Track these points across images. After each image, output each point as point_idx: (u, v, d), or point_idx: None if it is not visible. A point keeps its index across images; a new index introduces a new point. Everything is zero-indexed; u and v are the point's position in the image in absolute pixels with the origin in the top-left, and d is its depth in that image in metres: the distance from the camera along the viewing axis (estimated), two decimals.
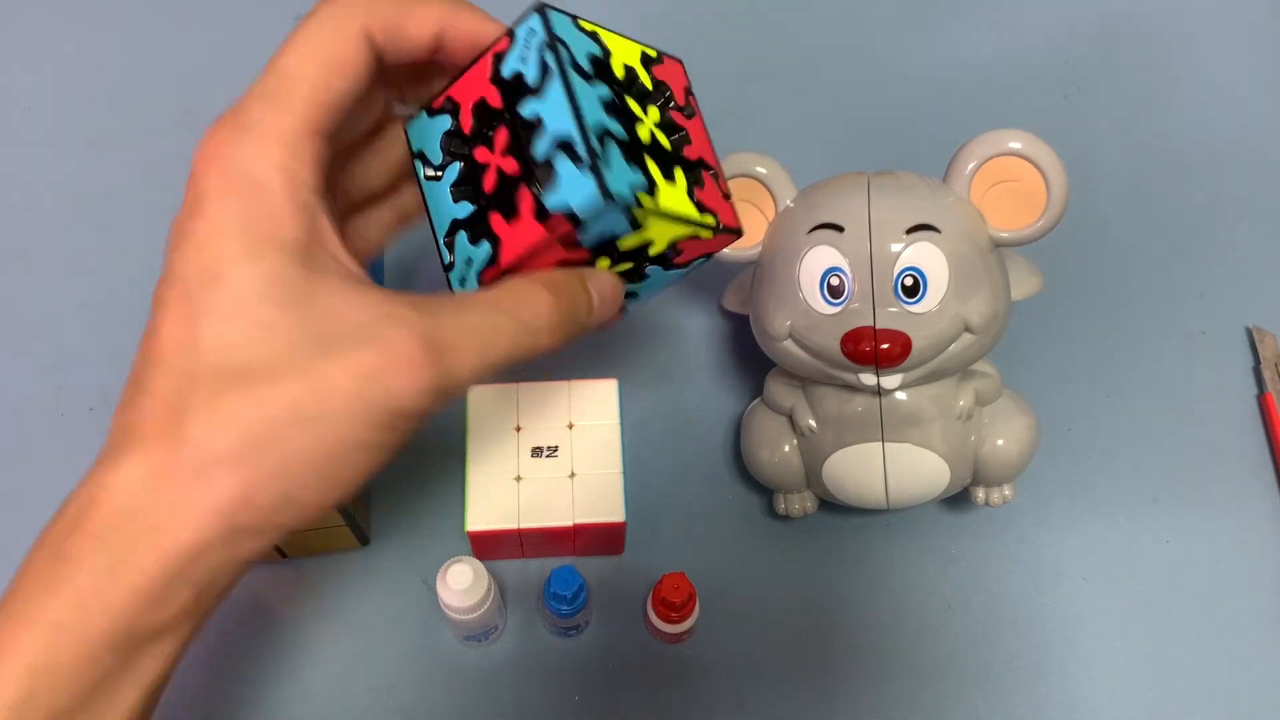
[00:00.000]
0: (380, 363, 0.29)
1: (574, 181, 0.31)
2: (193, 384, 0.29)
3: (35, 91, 0.67)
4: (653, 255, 0.36)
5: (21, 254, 0.61)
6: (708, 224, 0.35)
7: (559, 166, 0.32)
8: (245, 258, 0.29)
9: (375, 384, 0.29)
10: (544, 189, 0.32)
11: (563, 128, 0.32)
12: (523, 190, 0.32)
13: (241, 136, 0.30)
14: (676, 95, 0.38)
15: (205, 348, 0.29)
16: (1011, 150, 0.44)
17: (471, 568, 0.46)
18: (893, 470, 0.47)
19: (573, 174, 0.31)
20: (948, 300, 0.44)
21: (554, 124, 0.32)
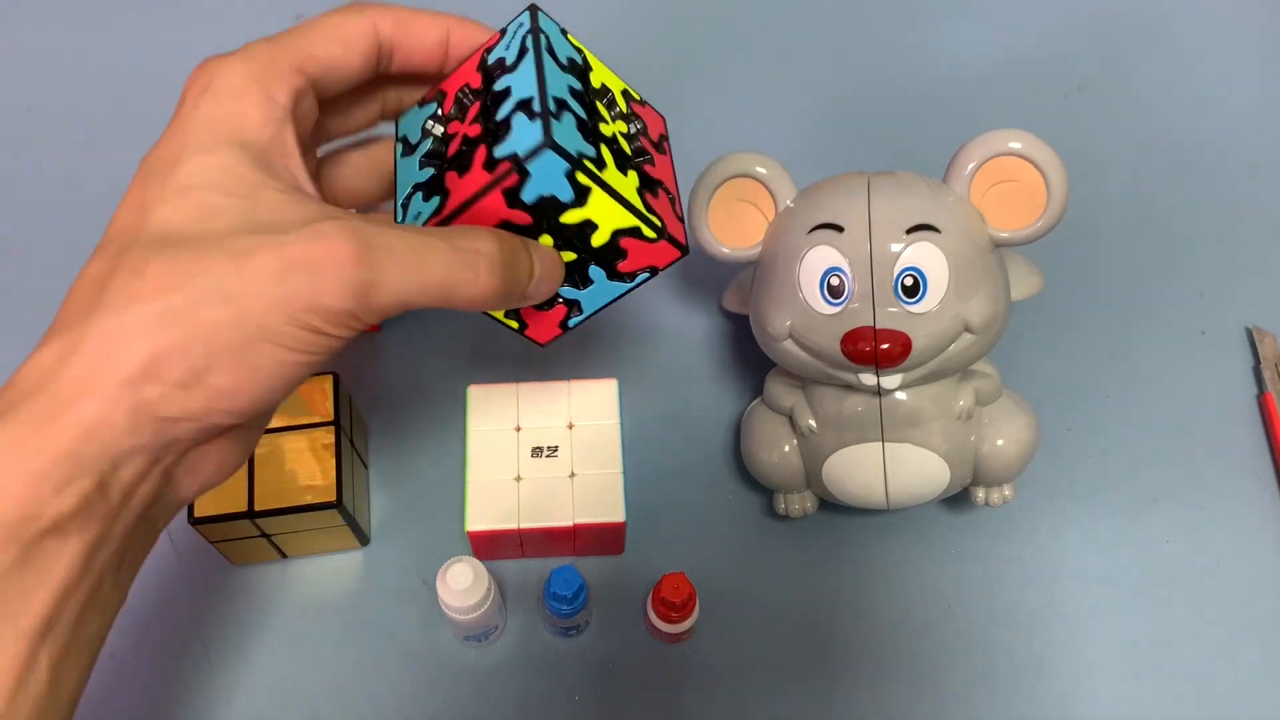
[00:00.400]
0: (309, 253, 0.29)
1: (524, 130, 0.33)
2: (124, 258, 0.29)
3: (35, 91, 0.67)
4: (596, 246, 0.36)
5: (22, 254, 0.61)
6: (653, 222, 0.36)
7: (515, 121, 0.33)
8: (203, 148, 0.30)
9: (301, 272, 0.29)
10: (497, 142, 0.34)
11: (526, 91, 0.34)
12: (480, 148, 0.34)
13: (233, 57, 0.32)
14: (650, 132, 0.39)
15: (146, 227, 0.29)
16: (1011, 150, 0.44)
17: (471, 568, 0.46)
18: (893, 470, 0.47)
19: (524, 125, 0.33)
20: (948, 300, 0.44)
21: (519, 90, 0.34)
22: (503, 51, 0.36)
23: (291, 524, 0.49)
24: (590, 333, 0.60)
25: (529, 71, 0.34)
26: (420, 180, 0.36)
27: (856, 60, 0.69)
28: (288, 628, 0.52)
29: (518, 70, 0.35)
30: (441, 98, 0.37)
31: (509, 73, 0.35)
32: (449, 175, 0.35)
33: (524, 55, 0.35)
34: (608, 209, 0.35)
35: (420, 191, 0.36)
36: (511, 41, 0.36)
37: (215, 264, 0.28)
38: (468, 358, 0.59)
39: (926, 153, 0.49)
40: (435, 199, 0.35)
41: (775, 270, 0.47)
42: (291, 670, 0.51)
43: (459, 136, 0.35)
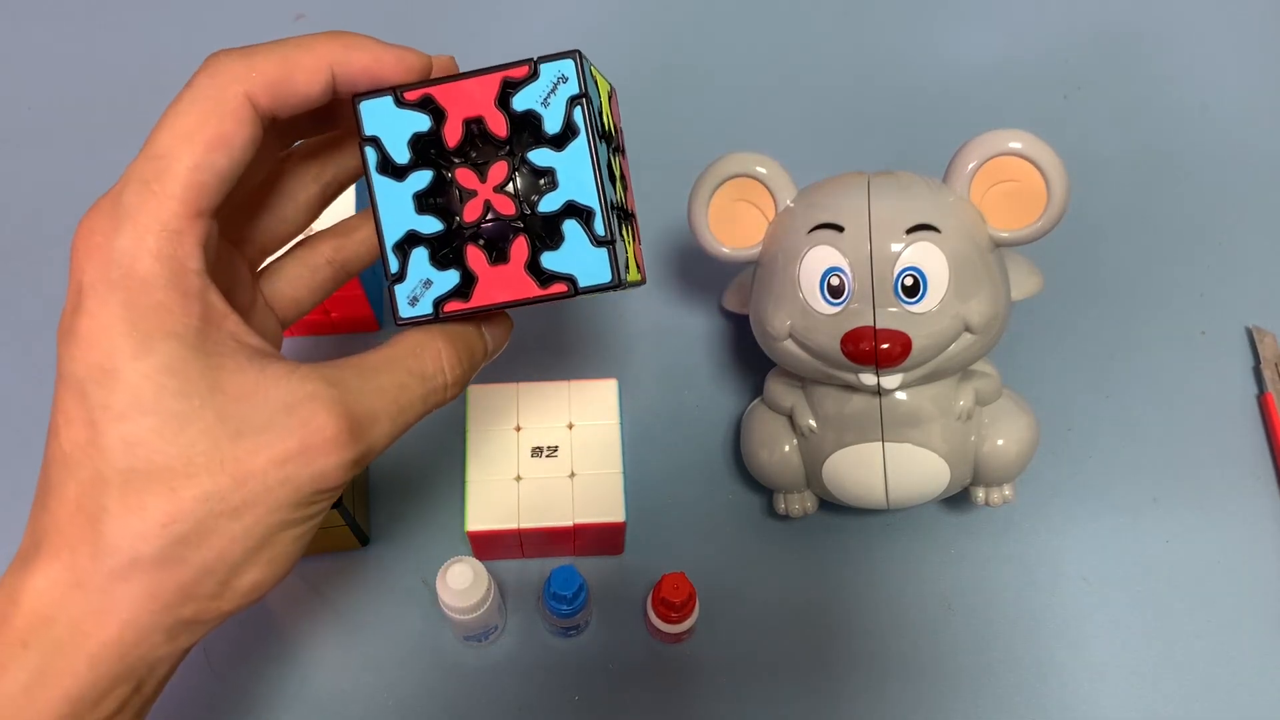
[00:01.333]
0: (303, 446, 0.29)
1: (586, 255, 0.31)
2: (104, 486, 0.28)
3: (35, 91, 0.67)
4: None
5: (22, 254, 0.61)
6: (641, 282, 0.35)
7: (569, 233, 0.31)
8: (137, 353, 0.28)
9: (299, 467, 0.29)
10: (547, 249, 0.31)
11: (583, 197, 0.31)
12: (519, 239, 0.32)
13: (119, 226, 0.28)
14: (618, 123, 0.37)
15: (110, 447, 0.28)
16: (1012, 150, 0.44)
17: (471, 568, 0.46)
18: (893, 470, 0.47)
19: (585, 247, 0.31)
20: (948, 300, 0.44)
21: (572, 189, 0.31)
22: (536, 105, 0.31)
23: None
24: (590, 333, 0.60)
25: (583, 166, 0.31)
26: (422, 231, 0.32)
27: (857, 60, 0.69)
28: (288, 628, 0.52)
29: (566, 153, 0.31)
30: (438, 114, 0.32)
31: (550, 146, 0.31)
32: (471, 250, 0.32)
33: (572, 134, 0.31)
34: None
35: (425, 248, 0.32)
36: (550, 98, 0.31)
37: (212, 483, 0.28)
38: None
39: (926, 153, 0.49)
40: (454, 275, 0.32)
41: (775, 270, 0.47)
42: (291, 671, 0.51)
43: (480, 199, 0.32)
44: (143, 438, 0.28)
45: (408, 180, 0.32)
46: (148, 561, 0.28)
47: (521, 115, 0.31)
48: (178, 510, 0.28)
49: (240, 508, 0.28)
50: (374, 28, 0.78)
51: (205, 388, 0.28)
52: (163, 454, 0.28)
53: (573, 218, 0.31)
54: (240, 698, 0.50)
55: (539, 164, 0.31)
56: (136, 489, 0.28)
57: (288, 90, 0.30)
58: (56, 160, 0.64)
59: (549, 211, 0.31)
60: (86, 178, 0.65)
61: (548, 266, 0.31)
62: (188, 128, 0.29)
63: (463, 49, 0.71)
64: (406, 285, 0.32)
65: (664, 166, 0.64)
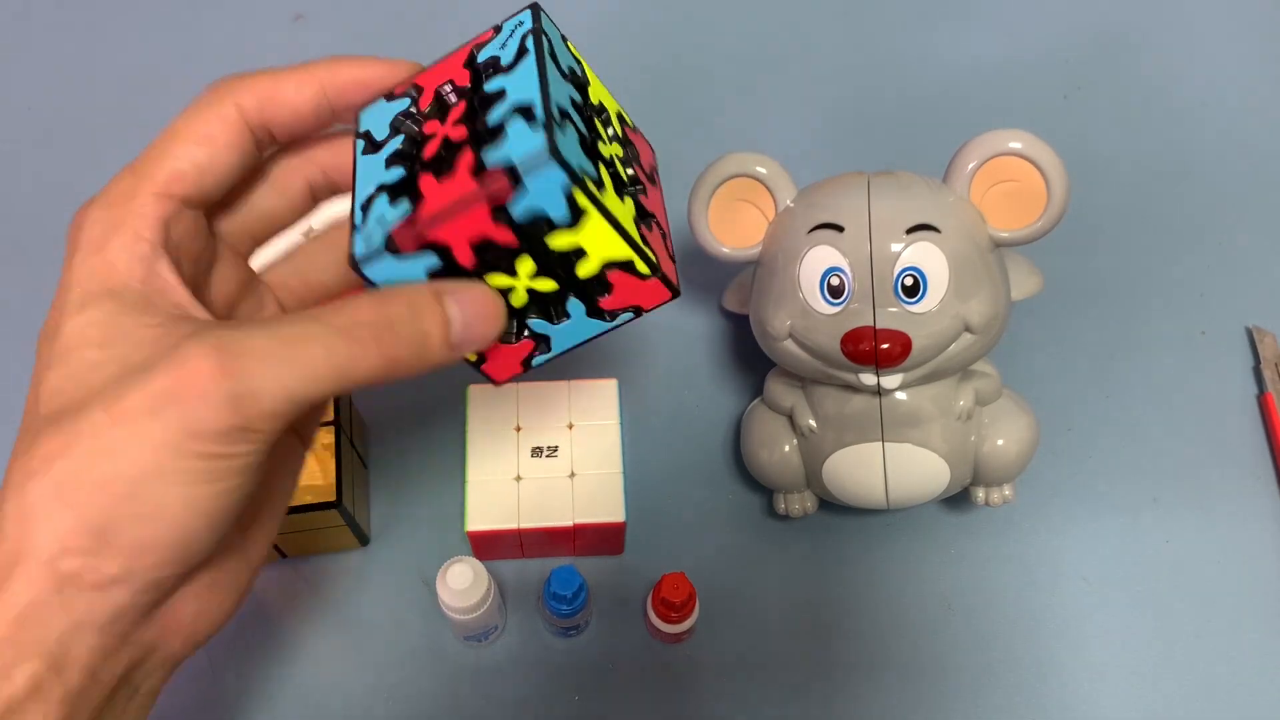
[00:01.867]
0: (172, 381, 0.27)
1: (523, 137, 0.29)
2: (23, 438, 0.28)
3: (35, 91, 0.67)
4: (581, 277, 0.32)
5: (22, 254, 0.61)
6: (648, 257, 0.32)
7: (511, 127, 0.29)
8: (77, 308, 0.29)
9: (169, 402, 0.27)
10: (488, 147, 0.29)
11: (525, 96, 0.30)
12: (465, 151, 0.30)
13: (96, 204, 0.31)
14: (642, 161, 0.36)
15: (40, 401, 0.29)
16: (1012, 150, 0.44)
17: (471, 568, 0.46)
18: (893, 470, 0.47)
19: (523, 131, 0.29)
20: (948, 300, 0.44)
21: (517, 93, 0.30)
22: (497, 50, 0.32)
23: (291, 524, 0.49)
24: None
25: (529, 74, 0.30)
26: (388, 181, 0.31)
27: (857, 60, 0.69)
28: (288, 628, 0.52)
29: (515, 72, 0.31)
30: (417, 93, 0.33)
31: (504, 73, 0.31)
32: (424, 177, 0.30)
33: (523, 56, 0.31)
34: (602, 236, 0.31)
35: (386, 193, 0.31)
36: (509, 40, 0.32)
37: (91, 421, 0.27)
38: None
39: (926, 153, 0.49)
40: (405, 203, 0.30)
41: (775, 270, 0.47)
42: (291, 671, 0.51)
43: (439, 137, 0.31)
44: (59, 386, 0.29)
45: (382, 150, 0.32)
46: (35, 509, 0.27)
47: (483, 63, 0.32)
48: (59, 445, 0.27)
49: (113, 446, 0.27)
50: (374, 28, 0.79)
51: (124, 340, 0.29)
52: (67, 397, 0.28)
53: (516, 116, 0.30)
54: (240, 697, 0.50)
55: (490, 89, 0.31)
56: (37, 430, 0.28)
57: (276, 100, 0.32)
58: (56, 160, 0.64)
59: (496, 121, 0.30)
60: (86, 178, 0.65)
61: (488, 160, 0.29)
62: (176, 128, 0.32)
63: None
64: (363, 230, 0.31)
65: (664, 166, 0.64)
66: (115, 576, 0.28)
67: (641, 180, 0.35)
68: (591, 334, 0.34)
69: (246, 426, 0.28)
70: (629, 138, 0.36)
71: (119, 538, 0.28)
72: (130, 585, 0.28)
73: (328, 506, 0.48)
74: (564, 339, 0.34)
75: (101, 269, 0.30)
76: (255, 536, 0.34)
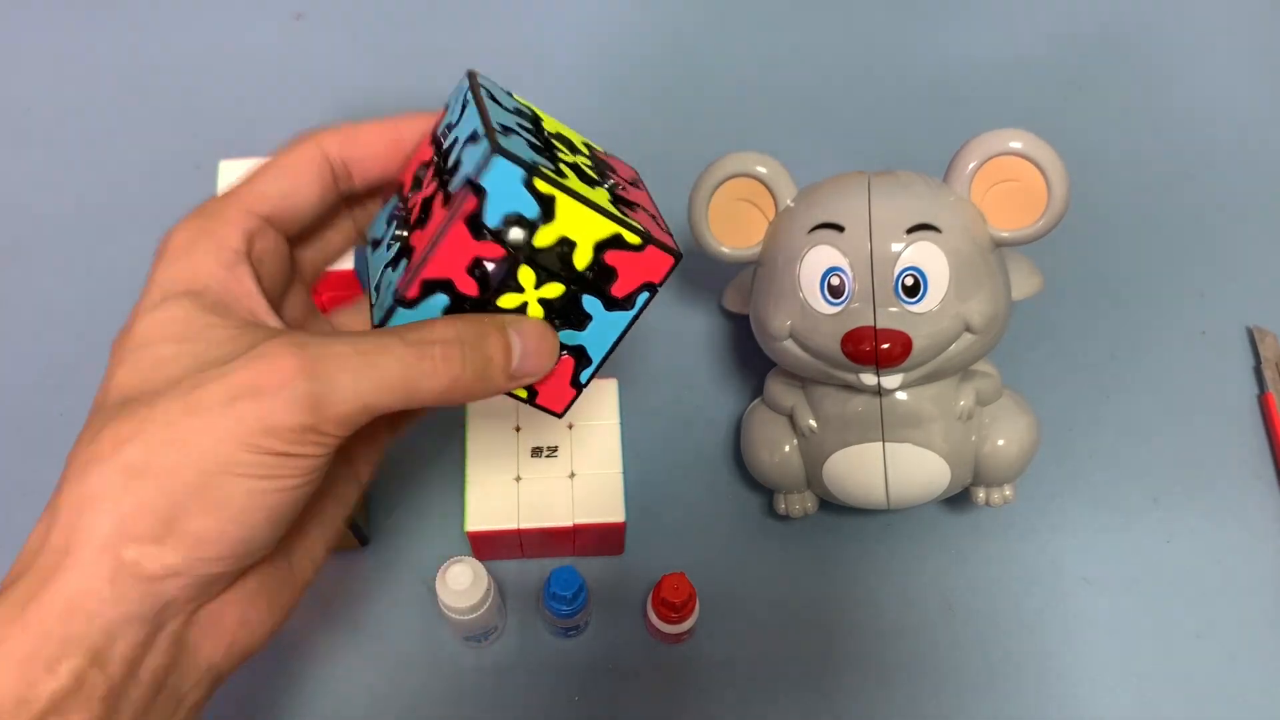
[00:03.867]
0: (253, 375, 0.28)
1: (471, 155, 0.31)
2: (88, 428, 0.29)
3: (35, 91, 0.67)
4: (581, 270, 0.33)
5: (21, 254, 0.61)
6: (632, 225, 0.32)
7: (465, 158, 0.31)
8: (154, 306, 0.30)
9: (247, 397, 0.28)
10: (450, 181, 0.31)
11: (471, 128, 0.32)
12: (437, 197, 0.32)
13: (186, 219, 0.32)
14: (621, 174, 0.37)
15: (108, 393, 0.30)
16: (1012, 150, 0.44)
17: (471, 568, 0.46)
18: (893, 470, 0.47)
19: (471, 151, 0.31)
20: (948, 300, 0.44)
21: (464, 131, 0.32)
22: (451, 118, 0.34)
23: None
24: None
25: (472, 115, 0.32)
26: (389, 258, 0.34)
27: (857, 60, 0.69)
28: (287, 628, 0.52)
29: (461, 121, 0.33)
30: (400, 188, 0.36)
31: (454, 128, 0.33)
32: (414, 235, 0.33)
33: (466, 107, 0.33)
34: (581, 219, 0.32)
35: (390, 267, 0.33)
36: (454, 105, 0.34)
37: (164, 409, 0.28)
38: None
39: (926, 153, 0.49)
40: (403, 263, 0.32)
41: (775, 270, 0.47)
42: (291, 671, 0.51)
43: (418, 204, 0.33)
44: (127, 378, 0.29)
45: (383, 243, 0.35)
46: (97, 494, 0.28)
47: (440, 132, 0.34)
48: (128, 432, 0.28)
49: (187, 436, 0.28)
50: (374, 27, 0.78)
51: (200, 337, 0.30)
52: (137, 388, 0.29)
53: (468, 145, 0.31)
54: (240, 697, 0.50)
55: (447, 144, 0.33)
56: (104, 419, 0.29)
57: (355, 141, 0.35)
58: (56, 160, 0.64)
59: (453, 161, 0.32)
60: (86, 178, 0.65)
61: (451, 188, 0.31)
62: (266, 162, 0.34)
63: (460, 49, 0.72)
64: (377, 305, 0.34)
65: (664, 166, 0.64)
66: (174, 568, 0.28)
67: (621, 182, 0.36)
68: (620, 329, 0.35)
69: (318, 428, 0.29)
70: (601, 159, 0.37)
71: (183, 527, 0.28)
72: (185, 578, 0.29)
73: None
74: (597, 343, 0.35)
75: (185, 272, 0.31)
76: (302, 556, 0.35)
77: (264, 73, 0.68)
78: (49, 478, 0.35)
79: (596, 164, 0.36)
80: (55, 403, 0.56)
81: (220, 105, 0.67)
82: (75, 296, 0.60)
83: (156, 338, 0.30)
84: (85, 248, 0.61)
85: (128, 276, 0.60)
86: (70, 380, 0.57)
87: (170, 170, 0.64)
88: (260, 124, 0.65)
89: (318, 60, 0.68)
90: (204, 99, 0.67)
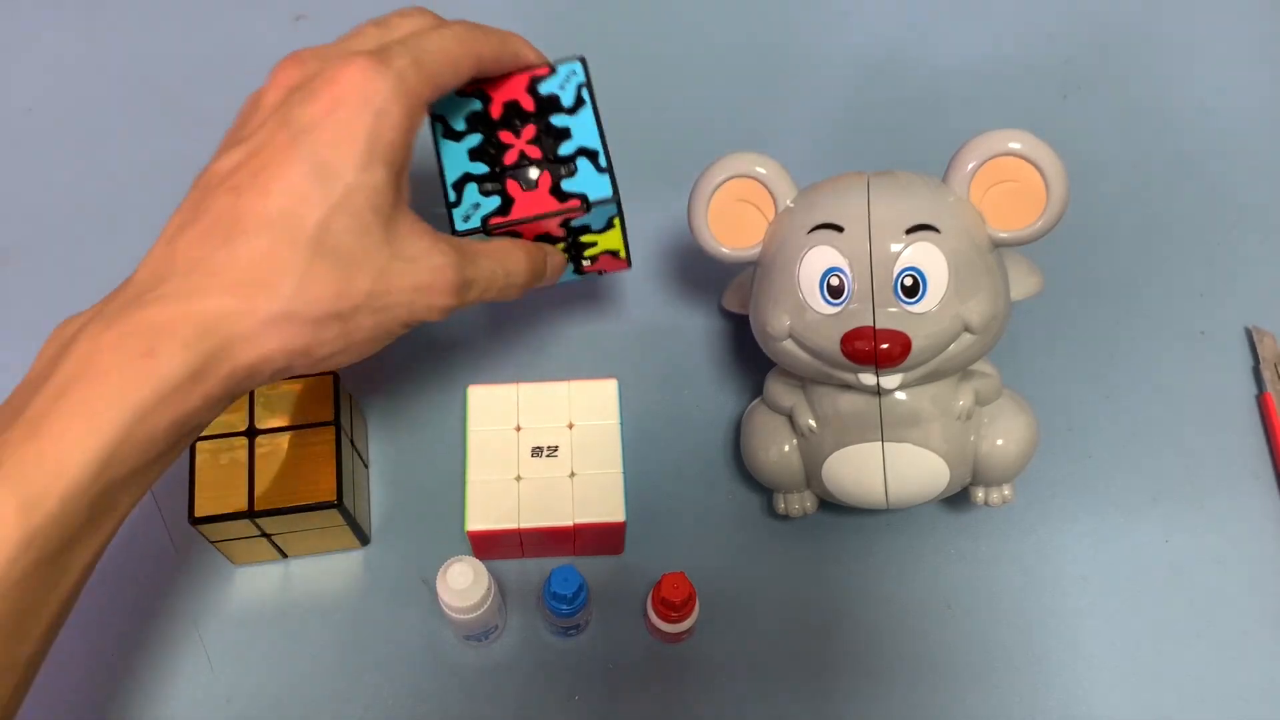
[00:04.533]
0: (429, 282, 0.39)
1: (593, 179, 0.45)
2: (293, 249, 0.35)
3: (35, 91, 0.67)
4: (584, 255, 0.49)
5: (21, 254, 0.61)
6: (629, 252, 0.49)
7: (580, 167, 0.45)
8: (363, 165, 0.36)
9: (421, 295, 0.39)
10: (566, 176, 0.44)
11: (589, 142, 0.45)
12: (544, 174, 0.45)
13: (385, 73, 0.37)
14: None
15: (312, 226, 0.36)
16: (1011, 150, 0.44)
17: (471, 568, 0.46)
18: (892, 470, 0.47)
19: (592, 174, 0.45)
20: (948, 300, 0.44)
21: (582, 138, 0.45)
22: (556, 89, 0.45)
23: (292, 524, 0.49)
24: (590, 333, 0.60)
25: (590, 124, 0.45)
26: (474, 172, 0.45)
27: (857, 60, 0.69)
28: (288, 628, 0.52)
29: (577, 116, 0.45)
30: (485, 99, 0.45)
31: (567, 114, 0.45)
32: (510, 183, 0.44)
33: (581, 105, 0.45)
34: (613, 238, 0.48)
35: (476, 183, 0.45)
36: (566, 84, 0.45)
37: (368, 281, 0.37)
38: (468, 357, 0.59)
39: (926, 153, 0.49)
40: (496, 200, 0.44)
41: (775, 270, 0.47)
42: (291, 670, 0.51)
43: (515, 149, 0.45)
44: (339, 230, 0.36)
45: (463, 141, 0.45)
46: (303, 319, 0.36)
47: (545, 96, 0.45)
48: (347, 290, 0.36)
49: (379, 309, 0.37)
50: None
51: (389, 217, 0.38)
52: (348, 246, 0.36)
53: (583, 157, 0.45)
54: (239, 698, 0.51)
55: (558, 125, 0.45)
56: (317, 258, 0.36)
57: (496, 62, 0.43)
58: (56, 160, 0.65)
59: (566, 154, 0.45)
60: (87, 178, 0.65)
61: (566, 189, 0.44)
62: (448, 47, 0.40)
63: None
64: (461, 209, 0.45)
65: (664, 166, 0.64)
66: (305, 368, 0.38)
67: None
68: (571, 280, 0.51)
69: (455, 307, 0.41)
70: None
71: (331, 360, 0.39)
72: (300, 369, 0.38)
73: (328, 506, 0.48)
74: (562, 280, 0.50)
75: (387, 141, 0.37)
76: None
77: (265, 74, 0.67)
78: None
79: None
80: None
81: (221, 107, 0.66)
82: (75, 296, 0.60)
83: (363, 202, 0.36)
84: (85, 248, 0.61)
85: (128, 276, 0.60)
86: None
87: (170, 171, 0.64)
88: None
89: None
90: (205, 100, 0.67)
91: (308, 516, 0.48)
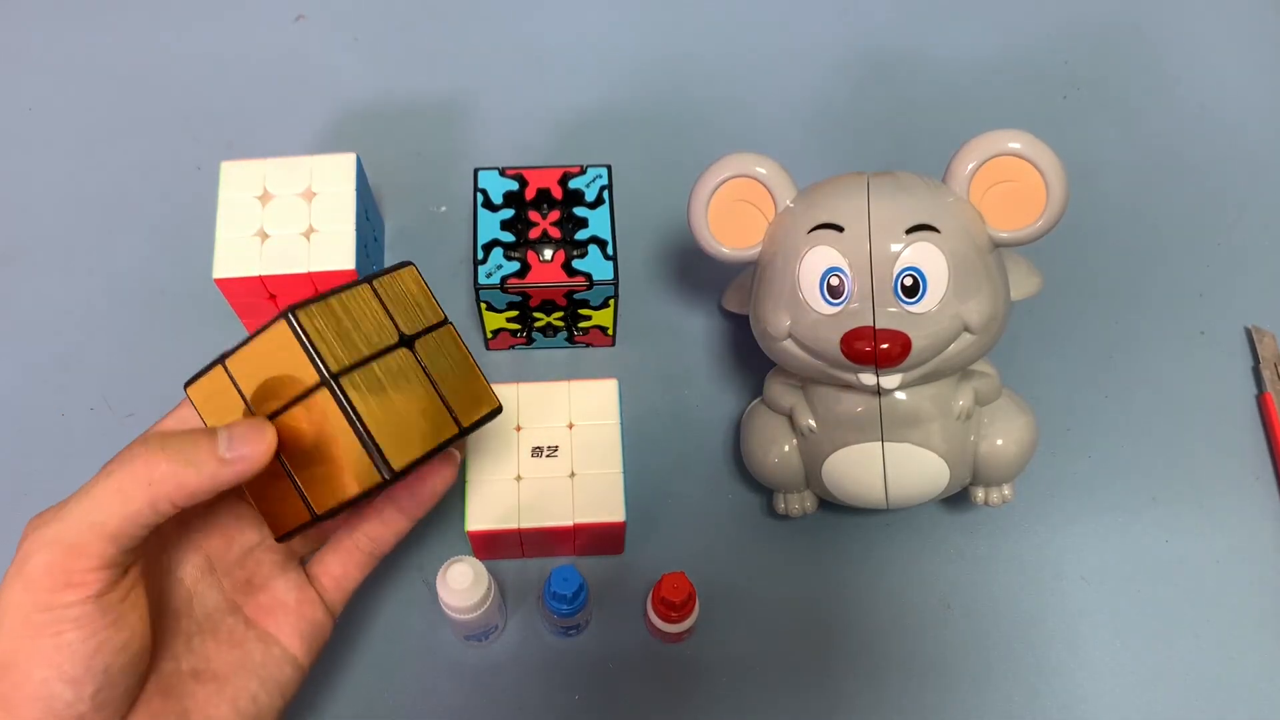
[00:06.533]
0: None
1: (600, 263, 0.53)
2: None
3: (35, 91, 0.67)
4: (580, 326, 0.57)
5: (21, 254, 0.61)
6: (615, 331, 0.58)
7: (591, 251, 0.53)
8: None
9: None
10: (578, 257, 0.53)
11: (602, 233, 0.53)
12: (560, 251, 0.53)
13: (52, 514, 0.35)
14: None
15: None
16: (1011, 150, 0.44)
17: (471, 568, 0.46)
18: (892, 470, 0.47)
19: (600, 259, 0.53)
20: (947, 300, 0.44)
21: (597, 228, 0.54)
22: (583, 185, 0.55)
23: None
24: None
25: (605, 219, 0.54)
26: (502, 239, 0.53)
27: (857, 60, 0.69)
28: None
29: (596, 211, 0.54)
30: (523, 182, 0.54)
31: (589, 208, 0.54)
32: (530, 254, 0.53)
33: (601, 203, 0.54)
34: (605, 316, 0.56)
35: (500, 249, 0.53)
36: (592, 184, 0.55)
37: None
38: None
39: (926, 153, 0.49)
40: (516, 265, 0.52)
41: (775, 270, 0.47)
42: None
43: (540, 227, 0.53)
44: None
45: (498, 213, 0.54)
46: None
47: (574, 190, 0.55)
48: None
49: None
50: (372, 29, 0.78)
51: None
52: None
53: (594, 244, 0.53)
54: None
55: (579, 214, 0.54)
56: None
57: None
58: (57, 160, 0.65)
59: (581, 239, 0.53)
60: (87, 178, 0.65)
61: (576, 267, 0.53)
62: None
63: (460, 50, 0.72)
64: (486, 266, 0.52)
65: (664, 167, 0.64)
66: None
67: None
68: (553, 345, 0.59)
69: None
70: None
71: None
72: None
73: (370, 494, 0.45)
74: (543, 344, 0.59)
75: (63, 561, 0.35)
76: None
77: (265, 74, 0.68)
78: (49, 478, 0.35)
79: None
80: (55, 403, 0.56)
81: (222, 106, 0.67)
82: (75, 296, 0.60)
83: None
84: (85, 248, 0.61)
85: (128, 276, 0.61)
86: (70, 380, 0.57)
87: (171, 171, 0.64)
88: (261, 125, 0.66)
89: (318, 62, 0.68)
90: (205, 100, 0.67)
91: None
